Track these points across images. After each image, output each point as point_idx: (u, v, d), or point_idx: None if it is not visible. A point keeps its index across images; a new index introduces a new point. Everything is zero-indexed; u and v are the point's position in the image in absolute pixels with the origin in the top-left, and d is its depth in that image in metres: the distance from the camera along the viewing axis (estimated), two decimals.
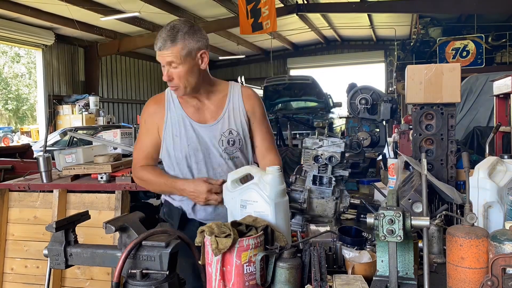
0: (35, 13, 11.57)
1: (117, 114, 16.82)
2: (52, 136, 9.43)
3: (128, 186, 3.31)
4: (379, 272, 1.21)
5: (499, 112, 4.93)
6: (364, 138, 3.27)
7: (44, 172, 3.44)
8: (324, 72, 20.88)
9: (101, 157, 3.57)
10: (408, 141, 3.07)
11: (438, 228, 1.44)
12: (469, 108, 7.36)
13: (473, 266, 1.05)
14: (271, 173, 1.34)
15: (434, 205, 1.70)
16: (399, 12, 13.63)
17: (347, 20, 15.78)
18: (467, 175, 1.24)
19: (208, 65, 1.92)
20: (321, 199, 1.83)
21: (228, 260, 1.14)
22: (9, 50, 26.30)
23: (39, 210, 3.46)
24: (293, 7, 13.14)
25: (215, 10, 13.22)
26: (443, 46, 11.82)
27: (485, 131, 5.84)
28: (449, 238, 1.09)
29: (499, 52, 11.78)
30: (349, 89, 7.56)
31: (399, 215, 1.11)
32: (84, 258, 1.29)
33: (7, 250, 3.51)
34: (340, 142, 1.80)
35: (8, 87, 27.71)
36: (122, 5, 11.45)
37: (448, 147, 1.98)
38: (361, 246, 1.46)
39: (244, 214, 1.33)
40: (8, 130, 22.81)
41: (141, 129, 2.00)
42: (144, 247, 1.19)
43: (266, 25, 10.83)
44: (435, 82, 1.96)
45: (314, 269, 1.21)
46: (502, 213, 1.50)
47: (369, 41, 19.66)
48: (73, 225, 1.33)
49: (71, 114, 13.70)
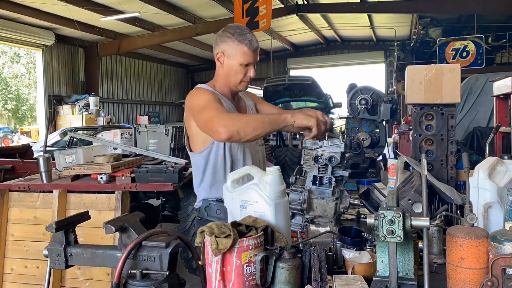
0: (35, 13, 11.58)
1: (117, 115, 16.81)
2: (52, 137, 9.43)
3: (128, 186, 3.31)
4: (379, 273, 1.21)
5: (499, 113, 4.94)
6: (364, 139, 3.27)
7: (44, 172, 3.44)
8: (324, 72, 20.89)
9: (101, 158, 3.57)
10: (408, 142, 3.07)
11: (438, 228, 1.44)
12: (469, 109, 7.37)
13: (473, 266, 1.05)
14: (271, 173, 1.34)
15: (434, 205, 1.70)
16: (399, 13, 13.62)
17: (347, 21, 15.78)
18: (467, 176, 1.24)
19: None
20: (321, 199, 1.83)
21: (228, 260, 1.14)
22: (9, 50, 26.30)
23: (39, 211, 3.46)
24: (293, 8, 13.14)
25: (215, 10, 13.22)
26: (443, 46, 11.83)
27: (485, 132, 5.84)
28: (449, 239, 1.09)
29: (499, 52, 11.78)
30: (349, 89, 7.56)
31: (399, 215, 1.11)
32: (84, 258, 1.29)
33: (7, 250, 3.52)
34: (340, 142, 1.80)
35: (8, 87, 27.71)
36: (122, 5, 11.46)
37: (448, 147, 1.98)
38: (361, 247, 1.46)
39: (244, 214, 1.33)
40: (8, 131, 22.80)
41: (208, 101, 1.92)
42: (144, 247, 1.19)
43: (262, 23, 10.85)
44: (435, 82, 1.96)
45: (314, 270, 1.21)
46: (502, 213, 1.50)
47: (369, 41, 19.66)
48: (73, 226, 1.33)
49: (71, 114, 13.70)
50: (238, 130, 1.76)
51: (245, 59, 1.99)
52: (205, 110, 1.88)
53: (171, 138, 4.44)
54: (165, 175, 3.34)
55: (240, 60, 1.99)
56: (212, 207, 2.01)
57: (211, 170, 2.02)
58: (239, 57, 1.99)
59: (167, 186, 3.33)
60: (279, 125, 1.85)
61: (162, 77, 20.34)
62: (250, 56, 1.99)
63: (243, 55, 1.98)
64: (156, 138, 4.53)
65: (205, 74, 21.57)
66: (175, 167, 3.42)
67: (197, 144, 2.06)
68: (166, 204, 4.93)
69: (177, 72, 21.51)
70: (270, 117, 1.87)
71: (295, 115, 1.81)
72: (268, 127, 1.81)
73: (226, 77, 2.05)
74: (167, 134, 4.47)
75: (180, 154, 4.56)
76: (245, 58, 1.99)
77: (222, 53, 2.02)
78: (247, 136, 1.78)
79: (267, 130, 1.82)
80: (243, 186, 1.40)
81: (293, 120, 1.81)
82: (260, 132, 1.80)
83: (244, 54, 1.98)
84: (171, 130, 4.47)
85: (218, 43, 2.03)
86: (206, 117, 1.85)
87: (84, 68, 15.42)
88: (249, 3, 10.67)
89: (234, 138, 1.78)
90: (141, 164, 3.86)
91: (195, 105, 1.96)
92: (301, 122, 1.80)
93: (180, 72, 21.75)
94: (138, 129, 4.63)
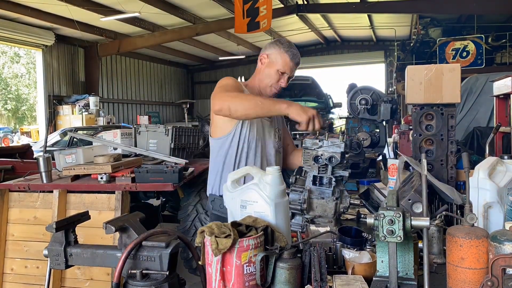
0: (35, 13, 11.58)
1: (117, 115, 16.82)
2: (52, 137, 9.43)
3: (128, 186, 3.31)
4: (379, 273, 1.21)
5: (499, 113, 4.94)
6: (364, 139, 3.27)
7: (44, 173, 3.44)
8: (324, 72, 20.88)
9: (101, 158, 3.57)
10: (408, 142, 3.07)
11: (438, 228, 1.44)
12: (469, 109, 7.36)
13: (473, 266, 1.04)
14: (271, 173, 1.34)
15: (434, 205, 1.70)
16: (399, 13, 13.63)
17: (347, 21, 15.78)
18: (467, 176, 1.24)
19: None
20: (321, 199, 1.83)
21: (228, 260, 1.14)
22: (9, 50, 26.30)
23: (39, 211, 3.46)
24: (293, 8, 13.14)
25: (215, 11, 13.22)
26: (443, 46, 11.82)
27: (485, 132, 5.84)
28: (449, 239, 1.09)
29: (499, 52, 11.78)
30: (349, 89, 7.55)
31: (399, 215, 1.11)
32: (84, 258, 1.29)
33: (7, 250, 3.52)
34: (340, 142, 1.80)
35: (8, 87, 27.72)
36: (122, 5, 11.45)
37: (448, 147, 1.98)
38: (361, 247, 1.46)
39: (244, 214, 1.32)
40: (8, 131, 22.80)
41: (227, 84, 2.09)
42: (144, 247, 1.19)
43: (263, 24, 10.86)
44: (435, 82, 1.96)
45: (314, 270, 1.21)
46: (502, 213, 1.50)
47: (369, 41, 19.66)
48: (73, 226, 1.33)
49: (71, 114, 13.70)
50: (229, 105, 1.92)
51: (284, 67, 2.16)
52: (219, 88, 2.05)
53: (171, 138, 4.44)
54: (165, 175, 3.34)
55: (279, 66, 2.17)
56: (216, 202, 2.16)
57: (223, 158, 2.16)
58: (280, 64, 2.17)
59: (167, 186, 3.33)
60: (271, 112, 1.99)
61: (162, 77, 20.34)
62: (289, 66, 2.17)
63: (284, 63, 2.16)
64: (156, 138, 4.53)
65: (205, 74, 21.58)
66: (175, 167, 3.42)
67: (216, 130, 2.20)
68: (166, 204, 4.93)
69: (177, 72, 21.51)
70: (265, 102, 1.95)
71: (291, 107, 1.89)
72: (259, 111, 1.93)
73: (261, 78, 2.22)
74: (167, 134, 4.47)
75: (180, 154, 4.56)
76: (284, 66, 2.16)
77: (267, 56, 2.20)
78: (236, 113, 1.94)
79: (258, 113, 1.96)
80: (243, 186, 1.40)
81: (287, 112, 1.90)
82: (250, 112, 1.94)
83: (285, 62, 2.16)
84: (171, 130, 4.47)
85: (267, 47, 2.23)
86: (215, 91, 2.03)
87: (84, 68, 15.43)
88: (250, 3, 10.67)
89: (223, 111, 1.95)
90: (141, 164, 3.86)
91: (216, 87, 2.09)
92: (293, 116, 1.89)
93: (180, 72, 21.75)
94: (138, 129, 4.63)
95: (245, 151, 2.14)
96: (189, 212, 3.87)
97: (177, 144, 4.49)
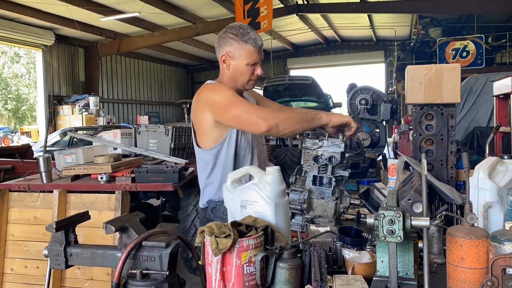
0: (35, 13, 11.58)
1: (117, 115, 16.81)
2: (52, 137, 9.43)
3: (128, 186, 3.31)
4: (379, 273, 1.21)
5: (499, 113, 4.94)
6: (364, 139, 3.27)
7: (44, 172, 3.44)
8: (324, 72, 20.86)
9: (101, 158, 3.57)
10: (408, 142, 3.07)
11: (438, 228, 1.44)
12: (469, 109, 7.37)
13: (473, 266, 1.04)
14: (271, 173, 1.34)
15: (434, 205, 1.70)
16: (399, 13, 13.62)
17: (347, 21, 15.78)
18: (467, 176, 1.24)
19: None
20: (321, 199, 1.83)
21: (228, 260, 1.14)
22: (9, 50, 26.30)
23: (39, 211, 3.46)
24: (293, 8, 13.14)
25: (215, 10, 13.22)
26: (443, 46, 11.82)
27: (485, 132, 5.84)
28: (449, 239, 1.09)
29: (499, 52, 11.78)
30: (349, 89, 7.54)
31: (399, 215, 1.11)
32: (84, 258, 1.29)
33: (7, 250, 3.52)
34: (340, 142, 1.80)
35: (8, 87, 27.71)
36: (122, 5, 11.45)
37: (448, 147, 1.98)
38: (361, 247, 1.46)
39: (244, 214, 1.33)
40: (8, 131, 22.80)
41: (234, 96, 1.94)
42: (144, 247, 1.19)
43: (263, 24, 10.84)
44: (435, 82, 1.96)
45: (314, 270, 1.21)
46: (502, 213, 1.50)
47: (369, 41, 19.65)
48: (73, 226, 1.33)
49: (71, 114, 13.70)
50: (277, 124, 1.83)
51: (252, 58, 1.99)
52: (234, 105, 1.90)
53: (171, 138, 4.44)
54: (165, 175, 3.34)
55: (247, 60, 1.99)
56: (218, 208, 2.00)
57: (221, 168, 2.02)
58: (245, 58, 1.98)
59: (167, 186, 3.33)
60: (314, 124, 1.91)
61: (162, 77, 20.33)
62: (256, 55, 2.00)
63: (249, 55, 1.98)
64: (156, 138, 4.53)
65: (205, 74, 21.55)
66: (175, 167, 3.42)
67: (208, 140, 2.03)
68: (166, 204, 4.93)
69: (177, 72, 21.50)
70: (307, 115, 1.92)
71: (331, 115, 1.90)
72: (304, 125, 1.88)
73: (233, 78, 2.04)
74: (167, 134, 4.47)
75: (180, 154, 4.56)
76: (251, 58, 1.99)
77: (228, 55, 2.00)
78: (285, 130, 1.85)
79: (303, 127, 1.89)
80: (243, 186, 1.40)
81: (328, 119, 1.87)
82: (296, 128, 1.87)
83: (250, 54, 1.98)
84: (171, 130, 4.47)
85: (222, 44, 2.01)
86: (239, 111, 1.88)
87: (84, 68, 15.43)
88: (250, 4, 10.66)
89: (272, 131, 1.85)
90: (141, 164, 3.86)
91: (218, 101, 1.94)
92: (337, 120, 1.87)
93: (180, 72, 21.74)
94: (138, 129, 4.63)
95: (242, 155, 2.04)
96: (189, 212, 3.86)
97: (177, 144, 4.49)
